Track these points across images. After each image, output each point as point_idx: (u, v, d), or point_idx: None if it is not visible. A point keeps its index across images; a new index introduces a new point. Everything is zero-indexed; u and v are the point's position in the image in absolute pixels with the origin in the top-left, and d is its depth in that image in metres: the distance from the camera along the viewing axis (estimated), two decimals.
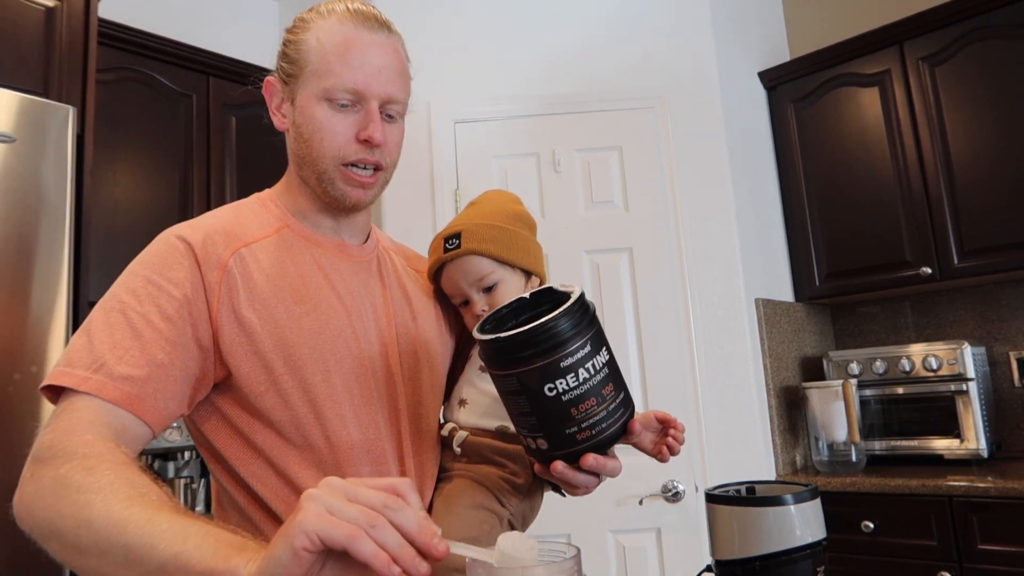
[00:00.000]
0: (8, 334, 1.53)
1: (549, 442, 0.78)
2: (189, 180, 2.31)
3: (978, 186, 2.40)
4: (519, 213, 1.03)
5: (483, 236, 0.97)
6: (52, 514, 0.70)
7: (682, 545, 2.23)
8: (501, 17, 2.54)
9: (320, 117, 0.91)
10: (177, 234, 0.89)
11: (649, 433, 0.91)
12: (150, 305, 0.82)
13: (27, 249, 1.58)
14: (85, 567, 0.68)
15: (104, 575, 0.67)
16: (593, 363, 0.76)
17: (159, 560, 0.61)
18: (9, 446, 1.49)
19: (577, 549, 0.67)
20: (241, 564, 0.57)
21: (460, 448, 0.95)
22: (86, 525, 0.66)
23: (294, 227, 0.96)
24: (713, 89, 2.53)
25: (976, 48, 2.43)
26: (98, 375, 0.77)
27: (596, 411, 0.77)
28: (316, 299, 0.90)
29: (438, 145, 2.42)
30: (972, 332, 2.69)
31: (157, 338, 0.81)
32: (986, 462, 2.36)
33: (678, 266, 2.39)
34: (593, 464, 0.78)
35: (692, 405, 2.31)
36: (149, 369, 0.79)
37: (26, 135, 1.61)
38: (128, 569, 0.64)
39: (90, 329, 0.81)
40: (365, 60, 0.90)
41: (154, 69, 2.29)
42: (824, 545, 0.82)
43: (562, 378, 0.74)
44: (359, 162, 0.91)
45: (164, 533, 0.62)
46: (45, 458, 0.74)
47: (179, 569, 0.60)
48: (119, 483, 0.68)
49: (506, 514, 0.92)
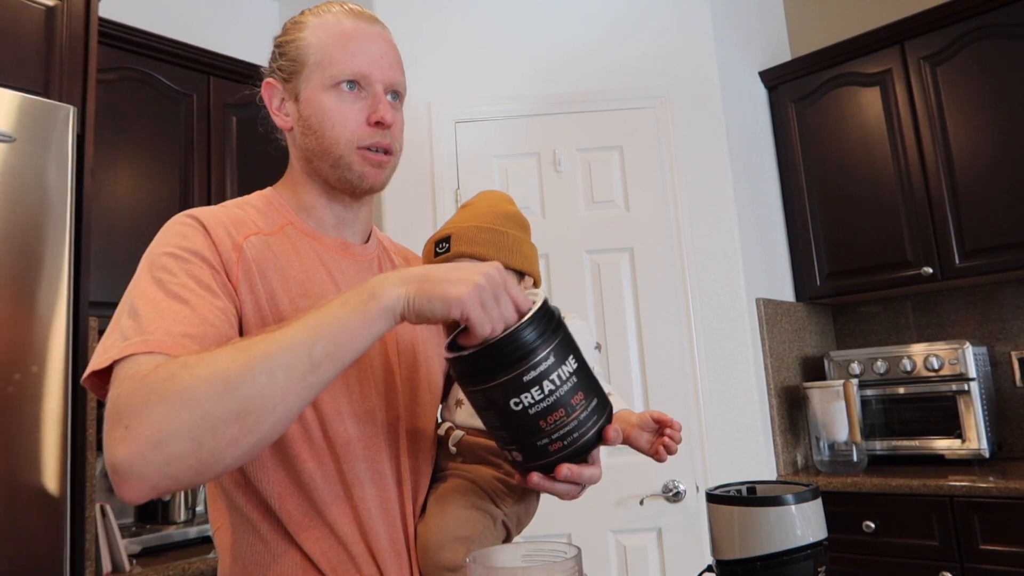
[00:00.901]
0: (9, 334, 1.53)
1: (523, 454, 0.78)
2: (190, 179, 2.31)
3: (979, 185, 2.40)
4: (510, 213, 1.03)
5: (472, 239, 0.96)
6: (187, 400, 0.66)
7: (683, 545, 2.23)
8: (502, 17, 2.54)
9: (329, 105, 0.92)
10: (187, 214, 0.89)
11: (646, 433, 0.90)
12: (185, 276, 0.80)
13: (28, 249, 1.58)
14: (258, 405, 0.68)
15: (284, 395, 0.69)
16: (559, 374, 0.74)
17: (318, 340, 0.70)
18: (9, 446, 1.49)
19: (578, 549, 0.67)
20: (388, 286, 0.73)
21: (456, 448, 0.95)
22: (227, 370, 0.68)
23: (298, 225, 0.97)
24: (714, 89, 2.52)
25: (977, 48, 2.42)
26: (157, 335, 0.73)
27: (566, 421, 0.75)
28: (319, 294, 0.91)
29: (438, 145, 2.42)
30: (973, 332, 2.69)
31: (203, 302, 0.79)
32: (987, 462, 2.36)
33: (679, 266, 2.39)
34: (568, 475, 0.77)
35: (693, 405, 2.31)
36: (204, 328, 0.77)
37: (26, 135, 1.61)
38: (297, 364, 0.69)
39: (134, 309, 0.77)
40: (367, 48, 0.94)
41: (155, 69, 2.29)
42: (825, 545, 0.82)
43: (526, 392, 0.73)
44: (372, 145, 0.93)
45: (304, 323, 0.71)
46: (139, 398, 0.68)
47: (335, 330, 0.70)
48: (227, 346, 0.72)
49: (500, 515, 0.92)
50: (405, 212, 2.40)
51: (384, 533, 0.88)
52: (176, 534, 2.06)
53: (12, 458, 1.49)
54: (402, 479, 0.92)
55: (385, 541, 0.88)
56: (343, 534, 0.86)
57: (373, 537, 0.87)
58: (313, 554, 0.84)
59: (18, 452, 1.50)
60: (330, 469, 0.87)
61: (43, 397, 1.56)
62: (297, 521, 0.85)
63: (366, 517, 0.87)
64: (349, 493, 0.87)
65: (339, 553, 0.85)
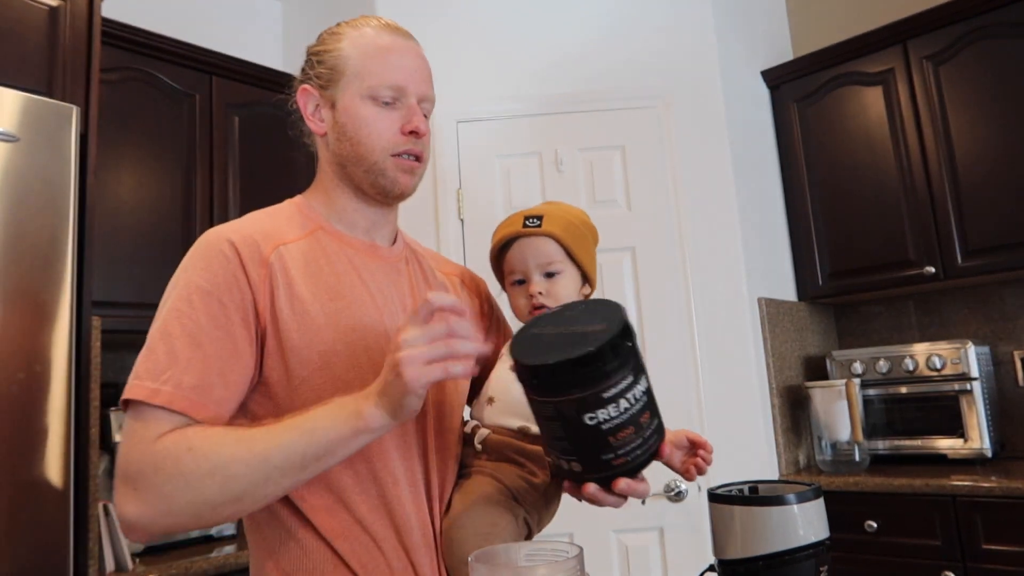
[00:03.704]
0: (12, 333, 1.53)
1: (583, 466, 0.78)
2: (192, 179, 2.31)
3: (982, 185, 2.40)
4: (592, 225, 1.10)
5: (563, 226, 1.03)
6: (192, 485, 0.78)
7: (685, 545, 2.23)
8: (504, 17, 2.54)
9: (366, 114, 0.97)
10: (219, 234, 0.92)
11: (679, 452, 0.94)
12: (204, 316, 0.85)
13: (31, 248, 1.58)
14: (257, 494, 0.79)
15: (275, 487, 0.79)
16: (634, 393, 0.74)
17: (310, 447, 0.78)
18: (13, 445, 1.50)
19: (580, 548, 0.67)
20: (368, 405, 0.79)
21: (481, 446, 0.97)
22: (229, 463, 0.78)
23: (328, 229, 1.00)
24: (716, 88, 2.52)
25: (980, 47, 2.42)
26: (167, 387, 0.81)
27: (633, 439, 0.76)
28: (351, 296, 0.94)
29: (441, 145, 2.43)
30: (976, 331, 2.68)
31: (215, 347, 0.85)
32: (990, 462, 2.36)
33: (681, 265, 2.39)
34: (625, 488, 0.79)
35: (695, 404, 2.31)
36: (211, 379, 0.84)
37: (30, 134, 1.61)
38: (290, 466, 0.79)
39: (153, 345, 0.85)
40: (404, 62, 0.99)
41: (158, 68, 2.29)
42: (827, 545, 0.82)
43: (603, 408, 0.73)
44: (405, 152, 0.98)
45: (300, 426, 0.79)
46: (148, 468, 0.79)
47: (326, 440, 0.78)
48: (226, 434, 0.81)
49: (521, 512, 0.93)
50: (407, 211, 2.36)
51: (416, 528, 0.90)
52: (178, 533, 2.06)
53: (15, 457, 1.50)
54: (430, 476, 0.94)
55: (417, 536, 0.90)
56: (373, 531, 0.88)
57: (406, 532, 0.89)
58: (344, 553, 0.87)
59: (21, 451, 1.51)
60: (361, 468, 0.89)
61: (46, 396, 1.56)
62: (328, 521, 0.87)
63: (399, 513, 0.89)
64: (381, 490, 0.89)
65: (370, 550, 0.87)
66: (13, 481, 1.49)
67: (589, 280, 1.07)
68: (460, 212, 2.41)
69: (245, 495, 0.78)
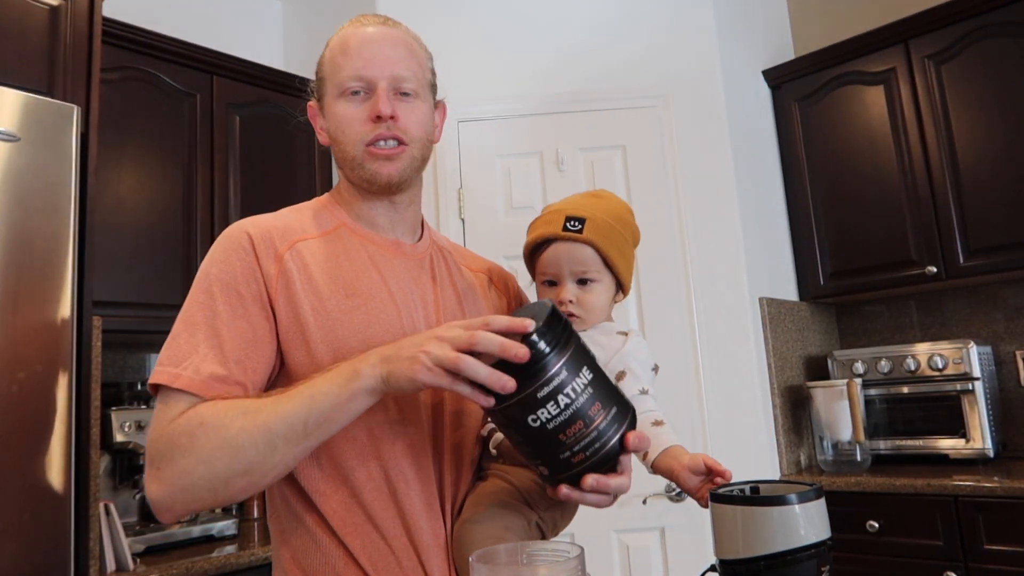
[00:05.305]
0: (13, 332, 1.53)
1: (548, 468, 0.79)
2: (193, 179, 2.31)
3: (984, 184, 2.39)
4: (635, 227, 1.05)
5: (606, 233, 0.99)
6: (204, 459, 0.80)
7: (686, 544, 2.22)
8: (505, 16, 2.53)
9: (340, 112, 0.97)
10: (240, 228, 0.94)
11: (695, 476, 0.92)
12: (224, 304, 0.88)
13: (32, 248, 1.58)
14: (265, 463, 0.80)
15: (282, 457, 0.80)
16: (573, 386, 0.74)
17: (311, 413, 0.79)
18: (14, 444, 1.50)
19: (581, 548, 0.67)
20: (365, 365, 0.80)
21: (496, 450, 0.97)
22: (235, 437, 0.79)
23: (350, 226, 1.00)
24: (717, 88, 2.52)
25: (982, 46, 2.42)
26: (187, 372, 0.84)
27: (586, 433, 0.76)
28: (368, 293, 0.94)
29: (442, 144, 2.42)
30: (978, 331, 2.68)
31: (233, 335, 0.87)
32: (992, 462, 2.35)
33: (682, 265, 2.38)
34: (594, 484, 0.78)
35: (696, 404, 2.31)
36: (228, 368, 0.86)
37: (31, 134, 1.61)
38: (294, 435, 0.80)
39: (177, 332, 0.88)
40: (367, 50, 0.97)
41: (158, 68, 2.29)
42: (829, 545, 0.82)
43: (542, 408, 0.74)
44: (376, 139, 0.96)
45: (301, 395, 0.81)
46: (165, 446, 0.82)
47: (327, 404, 0.79)
48: (233, 406, 0.83)
49: (534, 516, 0.93)
50: None
51: (428, 529, 0.90)
52: (179, 533, 2.06)
53: (16, 457, 1.50)
54: (443, 478, 0.94)
55: (429, 537, 0.90)
56: (384, 529, 0.88)
57: (416, 532, 0.89)
58: (355, 549, 0.87)
59: (22, 451, 1.51)
60: (373, 466, 0.89)
61: (47, 396, 1.56)
62: (340, 517, 0.88)
63: (410, 514, 0.89)
64: (392, 489, 0.89)
65: (381, 549, 0.88)
66: (14, 481, 1.49)
67: (623, 287, 1.04)
68: (461, 212, 2.41)
69: (253, 467, 0.80)
